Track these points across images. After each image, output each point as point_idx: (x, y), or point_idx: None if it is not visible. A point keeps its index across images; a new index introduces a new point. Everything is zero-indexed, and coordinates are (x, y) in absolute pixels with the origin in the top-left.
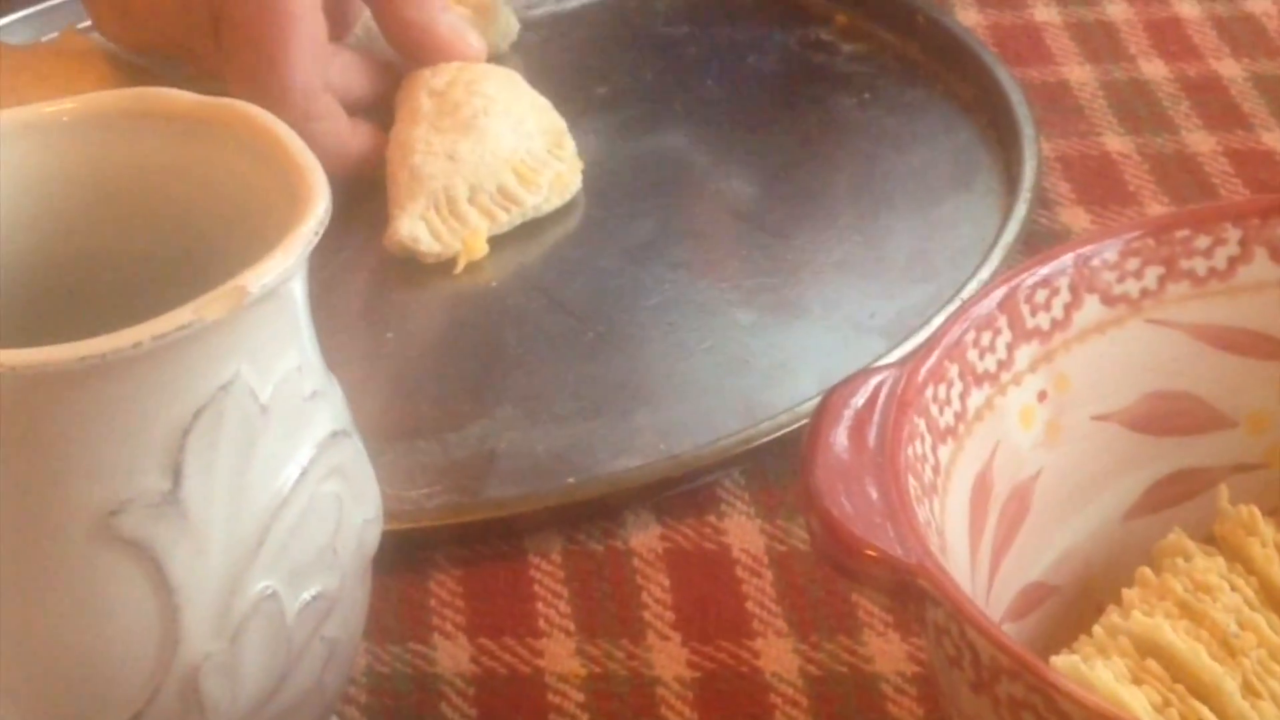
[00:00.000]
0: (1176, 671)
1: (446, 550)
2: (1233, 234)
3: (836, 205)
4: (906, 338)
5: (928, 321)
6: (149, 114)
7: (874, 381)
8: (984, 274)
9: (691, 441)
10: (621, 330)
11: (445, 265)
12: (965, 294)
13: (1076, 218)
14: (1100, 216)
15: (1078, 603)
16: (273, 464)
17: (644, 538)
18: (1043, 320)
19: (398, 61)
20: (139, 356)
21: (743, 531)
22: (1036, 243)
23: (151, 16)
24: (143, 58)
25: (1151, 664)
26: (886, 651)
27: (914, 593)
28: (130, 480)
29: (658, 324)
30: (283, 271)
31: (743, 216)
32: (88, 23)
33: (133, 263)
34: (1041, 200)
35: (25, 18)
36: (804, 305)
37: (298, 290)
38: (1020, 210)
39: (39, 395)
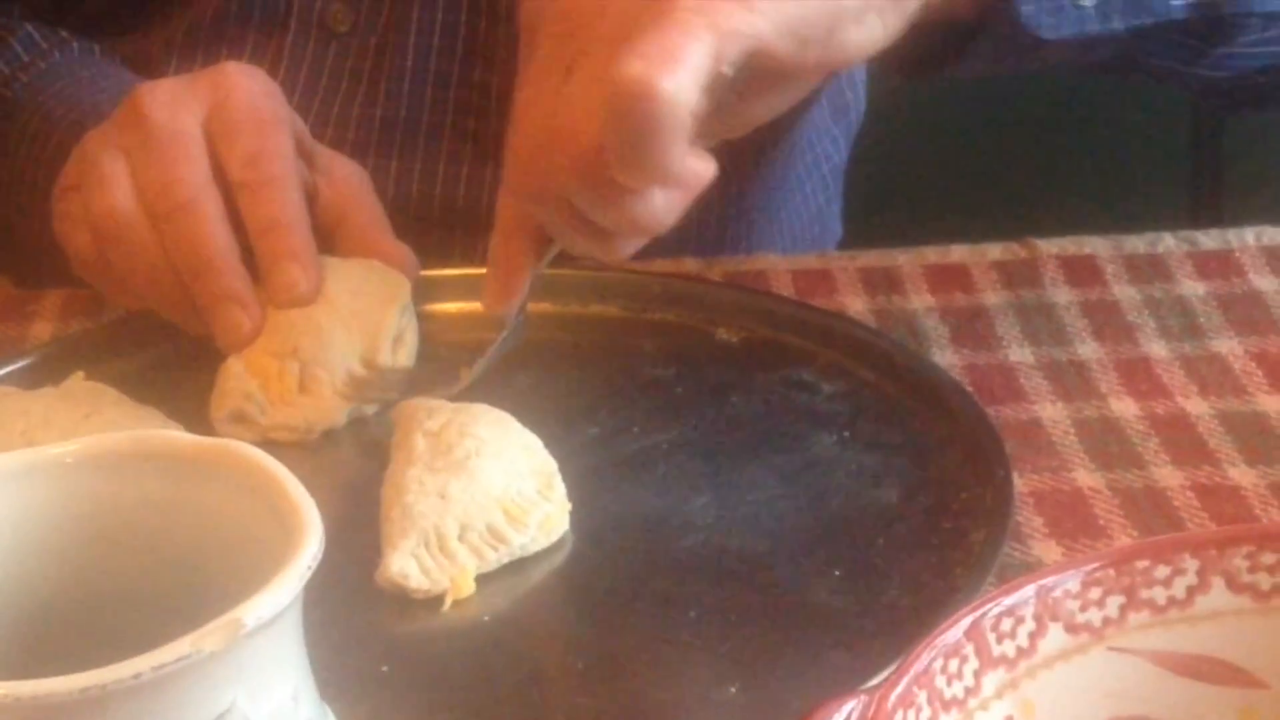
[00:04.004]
0: None
1: None
2: (1191, 564)
3: (816, 541)
4: (879, 666)
5: (899, 650)
6: (150, 455)
7: (846, 708)
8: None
9: None
10: (609, 662)
11: (437, 600)
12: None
13: (1049, 550)
14: (1071, 549)
15: None
16: None
17: None
18: (1008, 648)
19: None
20: (139, 686)
21: None
22: (1010, 575)
23: (132, 283)
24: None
25: None
26: None
27: None
28: None
29: (644, 656)
30: (278, 605)
31: (727, 552)
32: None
33: (132, 592)
34: (1015, 534)
35: (34, 363)
36: (783, 635)
37: (292, 622)
38: (994, 544)
39: None
